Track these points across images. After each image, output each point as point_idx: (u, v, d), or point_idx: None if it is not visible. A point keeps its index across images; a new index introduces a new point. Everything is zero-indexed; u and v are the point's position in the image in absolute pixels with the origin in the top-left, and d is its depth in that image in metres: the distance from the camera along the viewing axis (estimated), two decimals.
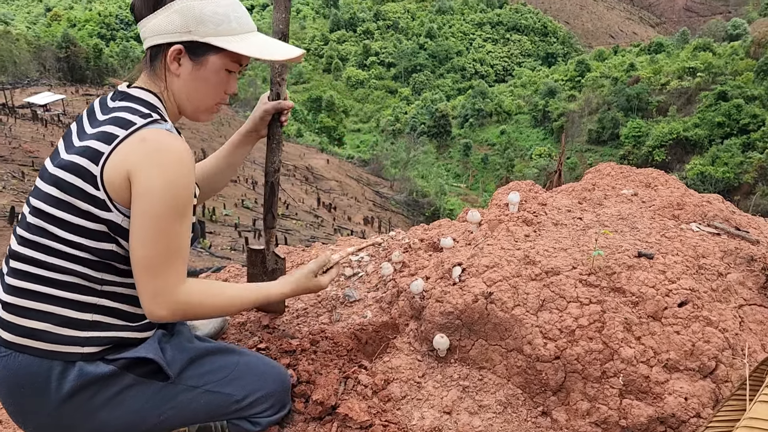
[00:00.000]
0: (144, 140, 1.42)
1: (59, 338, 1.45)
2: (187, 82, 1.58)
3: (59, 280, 1.46)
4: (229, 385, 1.65)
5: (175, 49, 1.52)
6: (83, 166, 1.42)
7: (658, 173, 2.78)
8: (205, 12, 1.51)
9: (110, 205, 1.43)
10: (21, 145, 26.25)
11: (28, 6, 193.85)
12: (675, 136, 66.80)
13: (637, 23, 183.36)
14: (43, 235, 1.45)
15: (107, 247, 1.47)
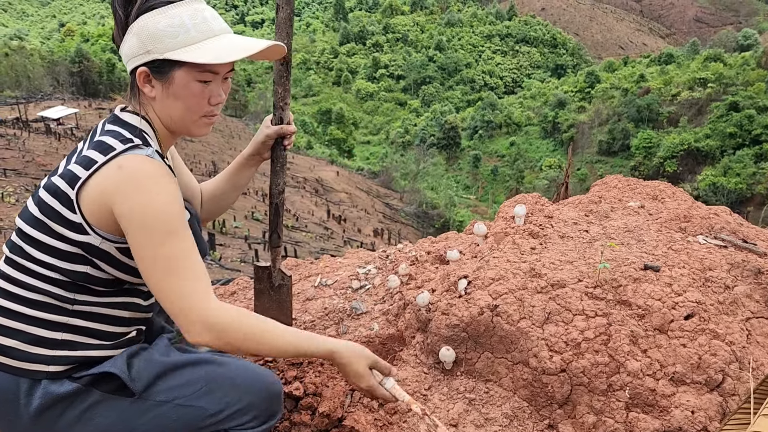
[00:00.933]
0: (120, 167, 1.40)
1: (27, 356, 1.45)
2: (163, 102, 1.54)
3: (31, 299, 1.46)
4: (202, 399, 1.55)
5: (141, 72, 1.49)
6: (61, 189, 1.43)
7: (665, 185, 2.78)
8: (159, 27, 1.45)
9: (87, 228, 1.43)
10: (34, 158, 26.55)
11: (42, 22, 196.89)
12: (686, 147, 66.41)
13: (646, 34, 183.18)
14: (20, 255, 1.48)
15: (80, 269, 1.47)
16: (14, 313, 1.46)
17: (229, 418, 1.56)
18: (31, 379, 1.45)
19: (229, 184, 2.03)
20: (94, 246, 1.45)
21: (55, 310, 1.48)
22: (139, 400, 1.51)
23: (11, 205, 16.38)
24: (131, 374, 1.51)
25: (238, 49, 1.50)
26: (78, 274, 1.47)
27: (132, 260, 1.48)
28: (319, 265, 3.01)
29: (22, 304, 1.46)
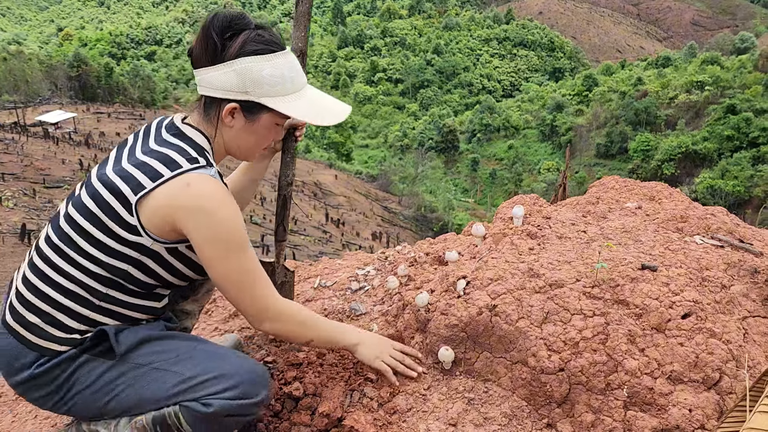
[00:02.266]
0: (188, 185, 1.54)
1: (45, 335, 1.58)
2: (239, 134, 1.70)
3: (64, 287, 1.58)
4: (178, 364, 1.60)
5: (231, 107, 1.63)
6: (123, 192, 1.54)
7: (662, 186, 2.80)
8: (263, 75, 1.60)
9: (141, 231, 1.55)
10: (33, 162, 26.55)
11: (41, 26, 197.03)
12: (684, 149, 66.59)
13: (644, 38, 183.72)
14: (67, 243, 1.58)
15: (123, 266, 1.58)
16: (45, 296, 1.58)
17: (202, 384, 1.57)
18: (40, 354, 1.58)
19: (246, 177, 2.12)
20: (144, 246, 1.58)
21: (83, 302, 1.59)
22: (119, 362, 1.60)
23: (9, 209, 16.37)
24: (118, 338, 1.60)
25: (326, 112, 1.72)
26: (119, 271, 1.59)
27: (178, 262, 1.65)
28: (318, 267, 3.03)
29: (55, 289, 1.58)
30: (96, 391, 1.60)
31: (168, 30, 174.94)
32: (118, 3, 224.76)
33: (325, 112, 1.71)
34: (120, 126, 52.43)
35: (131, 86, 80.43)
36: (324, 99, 1.76)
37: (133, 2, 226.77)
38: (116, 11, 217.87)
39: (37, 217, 16.13)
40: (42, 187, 22.12)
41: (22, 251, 11.02)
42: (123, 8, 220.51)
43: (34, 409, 2.38)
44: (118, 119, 56.74)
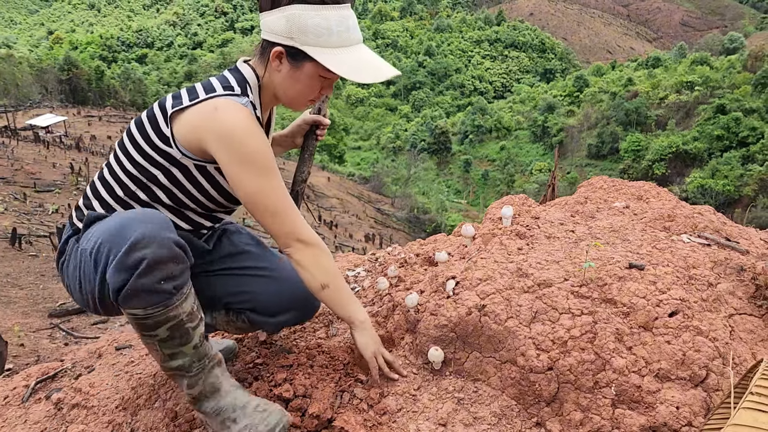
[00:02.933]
0: (216, 108, 1.64)
1: (79, 214, 1.81)
2: (285, 79, 1.75)
3: (105, 178, 1.79)
4: (89, 243, 1.61)
5: (277, 50, 1.69)
6: (165, 105, 1.71)
7: (649, 186, 2.82)
8: (309, 23, 1.63)
9: (172, 143, 1.69)
10: (23, 167, 26.34)
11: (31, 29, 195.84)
12: (674, 149, 66.93)
13: (634, 38, 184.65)
14: (120, 148, 1.78)
15: (152, 170, 1.73)
16: (92, 184, 1.83)
17: (99, 255, 1.54)
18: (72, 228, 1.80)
19: None
20: (173, 157, 1.71)
21: (112, 193, 1.77)
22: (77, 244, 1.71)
23: (0, 214, 16.24)
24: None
25: (369, 70, 1.68)
26: (149, 173, 1.73)
27: (206, 181, 1.78)
28: None
29: (99, 180, 1.81)
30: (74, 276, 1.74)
31: (159, 33, 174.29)
32: (108, 6, 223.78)
33: (364, 70, 1.68)
34: (111, 129, 52.18)
35: (122, 89, 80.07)
36: (372, 60, 1.73)
37: (124, 5, 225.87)
38: (107, 14, 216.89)
39: (27, 221, 16.00)
40: (33, 191, 21.96)
41: (13, 255, 10.95)
42: (113, 11, 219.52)
43: (23, 413, 2.37)
44: (109, 122, 56.46)
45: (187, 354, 1.65)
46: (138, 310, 1.51)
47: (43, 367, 2.81)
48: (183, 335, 1.61)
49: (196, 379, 1.70)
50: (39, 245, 12.52)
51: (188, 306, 1.60)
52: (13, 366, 4.47)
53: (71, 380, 2.59)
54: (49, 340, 5.90)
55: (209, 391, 1.73)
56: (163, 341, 1.60)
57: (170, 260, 1.50)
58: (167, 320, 1.55)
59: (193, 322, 1.62)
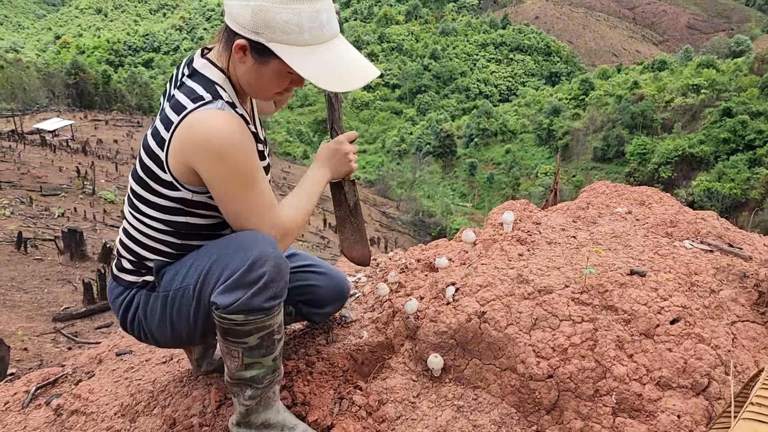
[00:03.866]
0: (191, 127, 1.52)
1: (131, 269, 1.80)
2: (249, 73, 1.59)
3: (149, 246, 1.74)
4: (186, 279, 1.66)
5: (240, 43, 1.52)
6: (153, 150, 1.60)
7: (652, 191, 2.80)
8: (277, 18, 1.45)
9: (178, 185, 1.60)
10: (30, 170, 26.46)
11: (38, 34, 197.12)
12: (681, 152, 66.65)
13: (640, 41, 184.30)
14: (134, 209, 1.72)
15: (181, 219, 1.67)
16: (134, 252, 1.76)
17: (206, 281, 1.61)
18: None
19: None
20: (188, 199, 1.63)
21: (168, 256, 1.73)
22: (155, 294, 1.72)
23: (6, 217, 16.31)
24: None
25: (341, 76, 1.52)
26: (181, 224, 1.68)
27: None
28: None
29: (143, 248, 1.73)
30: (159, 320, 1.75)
31: (165, 37, 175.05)
32: (115, 11, 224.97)
33: (335, 75, 1.51)
34: (117, 133, 52.39)
35: (129, 93, 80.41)
36: (348, 61, 1.56)
37: (131, 10, 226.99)
38: (114, 19, 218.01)
39: (33, 225, 16.06)
40: (39, 195, 22.05)
41: (18, 259, 10.98)
42: (120, 16, 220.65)
43: (23, 419, 2.36)
44: (115, 126, 56.69)
45: (265, 365, 1.68)
46: (239, 316, 1.54)
47: (43, 372, 2.81)
48: (269, 345, 1.65)
49: (261, 391, 1.73)
50: (44, 249, 12.56)
51: (280, 318, 1.65)
52: (16, 370, 4.48)
53: (71, 386, 2.59)
54: (52, 344, 5.91)
55: (264, 404, 1.77)
56: (250, 349, 1.63)
57: (281, 278, 1.56)
58: (263, 329, 1.60)
59: (279, 334, 1.67)
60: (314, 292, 2.11)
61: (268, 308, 1.56)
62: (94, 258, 11.65)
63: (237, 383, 1.73)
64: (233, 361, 1.67)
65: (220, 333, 1.62)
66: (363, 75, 1.56)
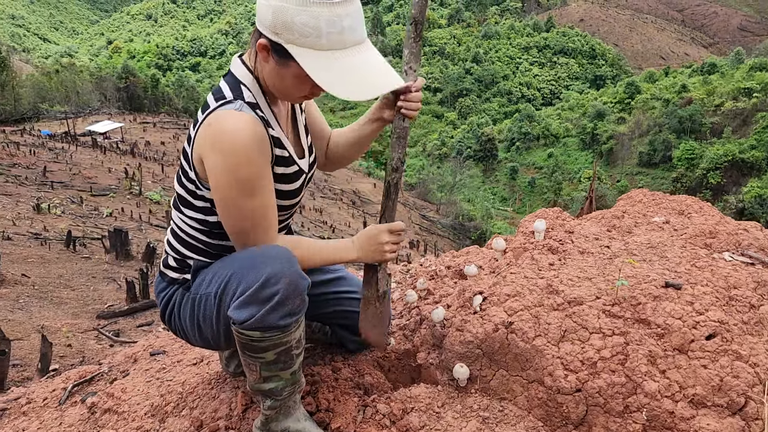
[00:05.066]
0: (209, 125, 1.54)
1: (175, 266, 1.85)
2: (272, 74, 1.58)
3: (182, 239, 1.81)
4: (210, 286, 1.68)
5: (261, 43, 1.52)
6: (185, 148, 1.66)
7: (692, 200, 2.71)
8: (295, 20, 1.43)
9: (199, 184, 1.66)
10: (80, 171, 27.37)
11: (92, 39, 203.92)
12: (730, 158, 64.47)
13: (688, 44, 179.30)
14: (176, 209, 1.78)
15: (215, 219, 1.71)
16: (176, 250, 1.81)
17: (224, 292, 1.63)
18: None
19: (353, 135, 2.05)
20: (210, 199, 1.67)
21: (206, 254, 1.77)
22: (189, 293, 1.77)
23: (57, 216, 16.89)
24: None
25: (357, 85, 1.48)
26: (213, 224, 1.72)
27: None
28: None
29: (186, 247, 1.78)
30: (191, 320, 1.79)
31: (212, 41, 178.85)
32: (165, 16, 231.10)
33: (351, 83, 1.47)
34: (164, 135, 53.75)
35: (176, 96, 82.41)
36: (367, 70, 1.51)
37: (179, 15, 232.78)
38: (163, 24, 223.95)
39: (83, 224, 16.58)
40: (89, 195, 22.78)
41: (67, 257, 11.35)
42: (170, 21, 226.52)
43: (59, 416, 2.43)
44: (163, 128, 58.17)
45: (283, 379, 1.70)
46: (256, 332, 1.56)
47: (81, 370, 2.89)
48: (287, 360, 1.66)
49: (281, 401, 1.75)
50: (92, 247, 12.95)
51: (299, 333, 1.65)
52: (59, 366, 4.62)
53: (106, 384, 2.66)
54: (95, 341, 6.08)
55: (284, 413, 1.79)
56: (267, 364, 1.64)
57: (297, 296, 1.56)
58: (279, 345, 1.61)
59: (298, 349, 1.68)
60: (353, 318, 2.08)
61: (284, 326, 1.56)
62: (138, 257, 11.95)
63: (257, 394, 1.76)
64: (252, 374, 1.70)
65: (238, 346, 1.63)
66: (381, 85, 1.53)
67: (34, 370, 4.69)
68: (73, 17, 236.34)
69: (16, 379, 4.55)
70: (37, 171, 25.29)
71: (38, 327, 6.38)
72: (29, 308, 7.44)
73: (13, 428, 2.46)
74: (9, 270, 9.11)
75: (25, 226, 14.39)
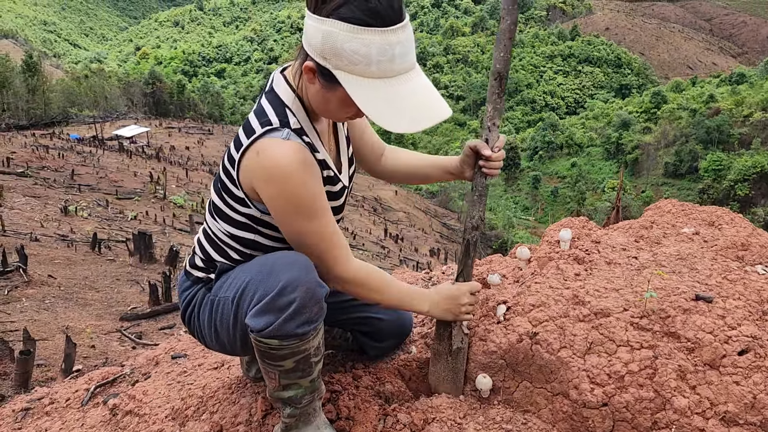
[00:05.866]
0: (258, 154, 1.53)
1: (202, 266, 1.84)
2: (317, 95, 1.55)
3: (214, 242, 1.78)
4: (228, 290, 1.68)
5: (308, 65, 1.48)
6: (227, 167, 1.64)
7: (723, 211, 2.64)
8: (345, 47, 1.38)
9: (249, 202, 1.64)
10: (107, 175, 27.85)
11: (120, 45, 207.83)
12: (759, 169, 63.30)
13: (716, 53, 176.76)
14: (210, 218, 1.79)
15: (250, 236, 1.71)
16: (212, 245, 1.79)
17: (242, 298, 1.61)
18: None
19: (419, 169, 2.09)
20: (256, 217, 1.67)
21: (227, 257, 1.77)
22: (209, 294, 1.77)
23: (83, 219, 17.18)
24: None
25: (406, 116, 1.44)
26: (249, 241, 1.72)
27: None
28: None
29: (212, 245, 1.79)
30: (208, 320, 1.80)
31: (237, 48, 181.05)
32: (191, 23, 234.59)
33: (399, 114, 1.43)
34: (190, 140, 54.44)
35: (201, 102, 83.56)
36: (416, 100, 1.46)
37: (206, 22, 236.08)
38: (190, 31, 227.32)
39: (108, 227, 16.84)
40: (114, 198, 23.15)
41: (92, 259, 11.52)
42: (196, 28, 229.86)
43: (81, 416, 2.45)
44: (188, 134, 58.97)
45: (302, 386, 1.69)
46: (274, 341, 1.55)
47: (104, 371, 2.91)
48: (306, 368, 1.65)
49: (300, 410, 1.74)
50: (117, 250, 13.14)
51: (317, 341, 1.64)
52: (82, 367, 4.67)
53: (128, 386, 2.67)
54: (118, 342, 6.15)
55: (304, 421, 1.77)
56: (286, 372, 1.63)
57: (315, 304, 1.54)
58: (298, 353, 1.59)
59: (317, 356, 1.66)
60: (374, 324, 2.08)
61: (302, 334, 1.54)
62: (161, 260, 12.09)
63: (277, 401, 1.74)
64: (271, 382, 1.68)
65: (257, 354, 1.62)
66: (429, 116, 1.47)
67: (58, 370, 4.75)
68: (102, 24, 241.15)
69: (40, 378, 4.62)
70: (65, 174, 25.79)
71: (63, 327, 6.47)
72: (54, 309, 7.56)
73: (36, 428, 2.48)
74: (36, 271, 9.27)
75: (53, 228, 14.65)
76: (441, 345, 1.99)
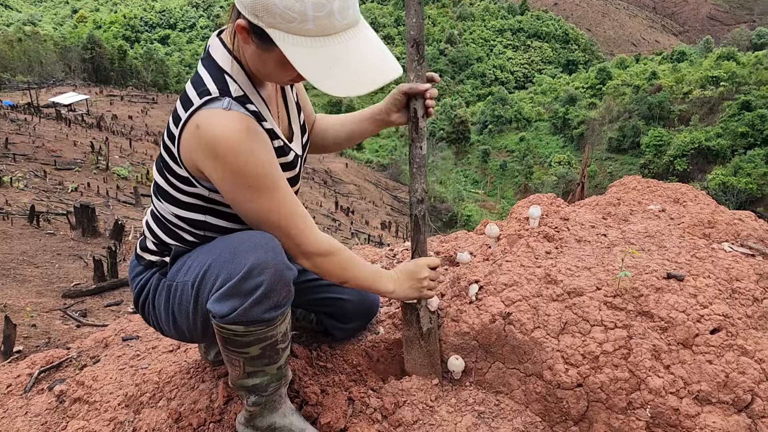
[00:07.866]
0: (197, 128, 1.38)
1: (152, 249, 1.71)
2: (254, 58, 1.42)
3: (164, 224, 1.65)
4: (187, 275, 1.56)
5: (240, 24, 1.33)
6: (168, 144, 1.49)
7: (687, 188, 2.65)
8: (277, 3, 1.25)
9: (194, 181, 1.49)
10: (44, 144, 26.54)
11: (56, 8, 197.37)
12: (697, 145, 65.78)
13: (659, 31, 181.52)
14: (160, 193, 1.61)
15: (200, 217, 1.57)
16: (162, 241, 1.66)
17: (203, 282, 1.50)
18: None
19: (346, 130, 1.96)
20: (205, 196, 1.53)
21: (181, 240, 1.63)
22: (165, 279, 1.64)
23: (20, 190, 16.36)
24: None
25: (346, 77, 1.30)
26: (200, 222, 1.58)
27: None
28: None
29: (171, 237, 1.64)
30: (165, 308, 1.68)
31: (182, 14, 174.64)
32: None
33: (341, 77, 1.30)
34: (132, 109, 52.48)
35: (144, 70, 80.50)
36: (360, 59, 1.33)
37: None
38: None
39: (47, 199, 16.11)
40: (53, 168, 22.12)
41: (30, 233, 10.98)
42: None
43: (24, 404, 2.29)
44: (130, 102, 56.81)
45: (268, 374, 1.59)
46: (239, 327, 1.44)
47: (48, 354, 2.73)
48: (273, 355, 1.55)
49: (266, 398, 1.65)
50: (57, 223, 12.57)
51: (285, 326, 1.54)
52: (23, 348, 4.43)
53: (75, 371, 2.51)
54: (61, 321, 5.87)
55: (270, 408, 1.68)
56: (251, 359, 1.53)
57: (283, 287, 1.44)
58: (264, 339, 1.49)
59: (284, 343, 1.57)
60: (340, 305, 2.00)
61: (269, 319, 1.44)
62: (105, 234, 11.64)
63: (240, 389, 1.64)
64: (234, 370, 1.58)
65: (219, 341, 1.51)
66: (374, 78, 1.33)
67: None
68: None
69: None
70: None
71: (0, 306, 6.13)
72: None
73: None
74: None
75: None
76: (411, 330, 1.93)
